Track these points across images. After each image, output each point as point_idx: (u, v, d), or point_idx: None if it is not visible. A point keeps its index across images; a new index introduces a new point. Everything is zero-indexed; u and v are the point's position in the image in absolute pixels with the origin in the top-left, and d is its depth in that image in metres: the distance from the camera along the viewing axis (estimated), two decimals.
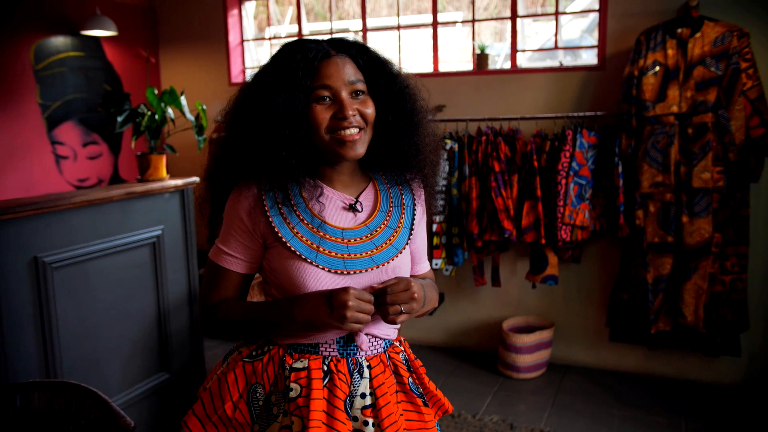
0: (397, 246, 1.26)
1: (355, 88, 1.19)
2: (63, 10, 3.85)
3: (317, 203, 1.22)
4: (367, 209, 1.28)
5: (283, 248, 1.19)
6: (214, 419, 1.24)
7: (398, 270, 1.25)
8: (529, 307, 3.66)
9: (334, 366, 1.20)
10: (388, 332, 1.28)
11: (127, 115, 2.64)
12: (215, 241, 1.28)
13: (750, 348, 3.20)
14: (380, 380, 1.23)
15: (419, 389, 1.31)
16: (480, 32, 4.01)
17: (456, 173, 3.36)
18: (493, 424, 2.90)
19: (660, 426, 2.89)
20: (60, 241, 2.25)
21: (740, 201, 2.97)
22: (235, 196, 1.23)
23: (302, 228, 1.20)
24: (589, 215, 3.21)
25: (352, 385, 1.21)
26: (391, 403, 1.21)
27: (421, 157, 1.29)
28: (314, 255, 1.19)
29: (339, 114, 1.17)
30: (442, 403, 1.36)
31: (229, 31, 4.29)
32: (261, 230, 1.21)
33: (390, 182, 1.33)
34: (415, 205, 1.34)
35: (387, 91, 1.23)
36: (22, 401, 1.51)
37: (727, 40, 2.88)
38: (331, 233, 1.21)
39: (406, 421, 1.25)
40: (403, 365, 1.30)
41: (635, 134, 3.06)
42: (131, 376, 2.60)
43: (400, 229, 1.28)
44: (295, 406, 1.17)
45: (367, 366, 1.23)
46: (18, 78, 3.64)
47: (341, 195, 1.26)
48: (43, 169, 3.79)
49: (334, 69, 1.18)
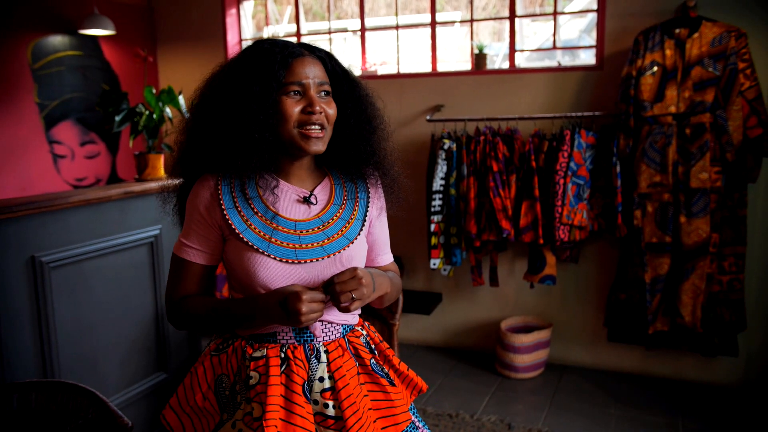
0: (349, 237, 1.31)
1: (322, 88, 1.27)
2: (61, 9, 3.84)
3: (271, 195, 1.28)
4: (321, 202, 1.33)
5: (237, 240, 1.26)
6: (187, 410, 1.32)
7: (350, 260, 1.30)
8: (527, 307, 3.66)
9: (291, 353, 1.26)
10: (346, 318, 1.34)
11: (125, 114, 2.64)
12: (179, 236, 1.33)
13: (747, 348, 3.20)
14: (338, 364, 1.27)
15: (383, 370, 1.35)
16: (478, 32, 4.01)
17: (454, 173, 3.36)
18: (491, 424, 2.90)
19: (657, 426, 2.89)
20: (57, 241, 2.25)
21: (738, 201, 2.98)
22: (195, 189, 1.30)
23: (255, 220, 1.26)
24: (587, 215, 3.21)
25: (310, 370, 1.26)
26: (350, 386, 1.26)
27: (378, 157, 1.36)
28: (266, 245, 1.24)
29: (308, 108, 1.24)
30: (415, 382, 1.40)
31: (228, 31, 4.29)
32: (218, 222, 1.28)
33: (346, 177, 1.39)
34: (370, 197, 1.39)
35: (350, 95, 1.32)
36: (20, 401, 1.50)
37: (725, 41, 2.89)
38: (283, 225, 1.27)
39: (372, 401, 1.30)
40: (364, 347, 1.34)
41: (633, 134, 3.06)
42: (129, 376, 2.59)
43: (353, 220, 1.34)
44: (255, 392, 1.23)
45: (324, 351, 1.29)
46: (15, 77, 3.63)
47: (296, 188, 1.32)
48: (41, 168, 3.78)
49: (307, 67, 1.26)
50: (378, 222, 1.41)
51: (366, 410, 1.27)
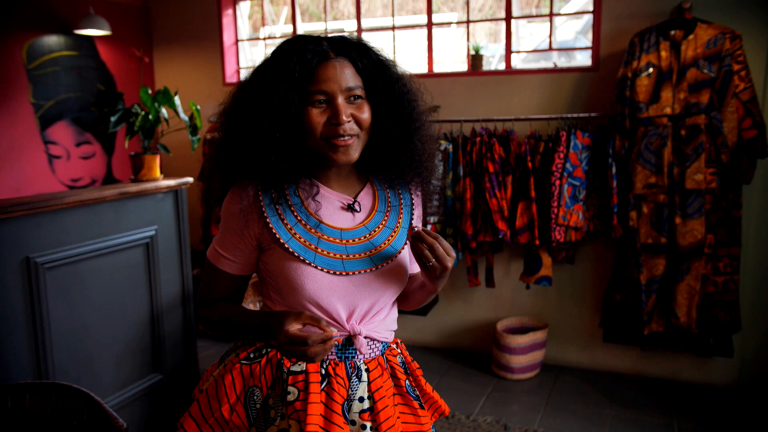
0: (395, 246, 1.25)
1: (351, 93, 1.16)
2: (56, 9, 3.83)
3: (314, 202, 1.20)
4: (365, 209, 1.26)
5: (281, 249, 1.17)
6: (210, 421, 1.23)
7: (398, 271, 1.24)
8: (523, 307, 3.66)
9: (332, 369, 1.19)
10: (386, 335, 1.28)
11: (121, 114, 2.63)
12: (213, 241, 1.27)
13: (742, 349, 3.21)
14: (378, 384, 1.22)
15: (416, 392, 1.30)
16: (474, 33, 4.02)
17: (450, 174, 3.37)
18: (487, 424, 2.90)
19: (653, 426, 2.90)
20: (52, 242, 2.24)
21: (732, 202, 2.99)
22: (231, 197, 1.21)
23: (300, 228, 1.19)
24: (583, 216, 3.22)
25: (350, 388, 1.20)
26: (388, 407, 1.21)
27: (417, 162, 1.27)
28: (312, 256, 1.17)
29: (333, 120, 1.14)
30: (438, 405, 1.36)
31: (224, 31, 4.28)
32: (255, 232, 1.20)
33: (388, 183, 1.31)
34: (413, 206, 1.33)
35: (385, 96, 1.20)
36: (14, 403, 1.50)
37: (719, 43, 2.90)
38: (329, 233, 1.20)
39: (403, 423, 1.25)
40: (400, 368, 1.30)
41: (629, 135, 3.07)
42: (124, 377, 2.59)
43: (399, 229, 1.27)
44: (292, 409, 1.16)
45: (365, 369, 1.23)
46: (10, 77, 3.61)
47: (339, 195, 1.24)
48: (36, 168, 3.77)
49: (331, 73, 1.15)
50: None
51: None
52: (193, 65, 4.38)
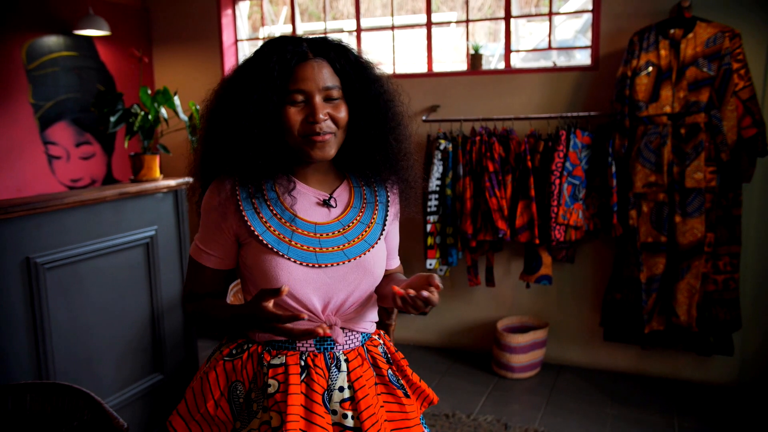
0: (369, 241, 1.29)
1: (328, 93, 1.21)
2: (55, 9, 3.83)
3: (289, 197, 1.25)
4: (341, 205, 1.30)
5: (257, 242, 1.22)
6: (197, 418, 1.27)
7: (371, 265, 1.28)
8: (523, 307, 3.66)
9: (311, 361, 1.23)
10: (365, 326, 1.32)
11: (120, 115, 2.63)
12: (195, 237, 1.31)
13: (742, 347, 3.22)
14: (358, 373, 1.25)
15: (399, 381, 1.33)
16: (474, 32, 4.02)
17: (450, 173, 3.37)
18: (488, 423, 2.90)
19: (653, 425, 2.90)
20: (52, 242, 2.24)
21: (732, 201, 2.99)
22: (210, 192, 1.26)
23: (275, 222, 1.23)
24: (583, 215, 3.22)
25: (330, 379, 1.24)
26: (369, 396, 1.24)
27: (392, 160, 1.31)
28: (286, 248, 1.21)
29: (311, 118, 1.19)
30: (426, 394, 1.39)
31: (223, 31, 4.28)
32: (233, 226, 1.24)
33: (365, 181, 1.36)
34: (389, 202, 1.37)
35: (361, 96, 1.25)
36: (15, 403, 1.50)
37: (719, 41, 2.90)
38: (303, 227, 1.24)
39: (387, 412, 1.28)
40: (381, 357, 1.33)
41: (628, 134, 3.07)
42: (124, 377, 2.59)
43: (373, 224, 1.31)
44: (273, 401, 1.19)
45: (344, 360, 1.26)
46: (10, 78, 3.61)
47: (315, 191, 1.29)
48: (36, 169, 3.76)
49: (310, 73, 1.20)
50: (392, 227, 1.40)
51: (383, 421, 1.24)
52: (192, 65, 4.38)
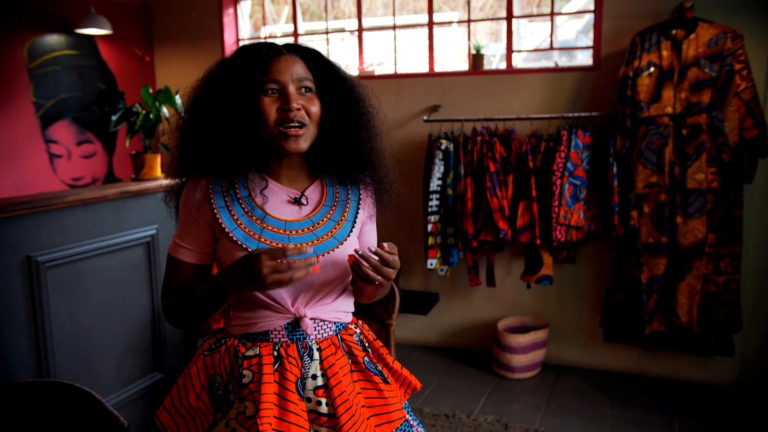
0: (338, 238, 1.31)
1: (302, 84, 1.27)
2: (57, 8, 3.83)
3: (260, 196, 1.29)
4: (312, 203, 1.34)
5: (227, 239, 1.26)
6: (181, 411, 1.32)
7: (341, 260, 1.31)
8: (524, 307, 3.66)
9: (284, 351, 1.26)
10: (337, 316, 1.34)
11: (122, 114, 2.63)
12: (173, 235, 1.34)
13: (743, 348, 3.21)
14: (331, 361, 1.28)
15: (377, 367, 1.35)
16: (476, 32, 4.02)
17: (451, 173, 3.37)
18: (488, 424, 2.90)
19: (654, 426, 2.90)
20: (53, 241, 2.24)
21: (734, 202, 2.98)
22: (186, 188, 1.31)
23: (245, 219, 1.27)
24: (584, 216, 3.22)
25: (303, 367, 1.26)
26: (342, 383, 1.26)
27: (364, 157, 1.35)
28: (255, 245, 1.24)
29: (285, 106, 1.24)
30: (408, 381, 1.41)
31: (225, 30, 4.28)
32: (208, 221, 1.28)
33: (338, 180, 1.39)
34: (361, 200, 1.39)
35: (333, 92, 1.30)
36: (15, 401, 1.50)
37: (721, 42, 2.89)
38: (273, 225, 1.28)
39: (366, 399, 1.30)
40: (357, 345, 1.35)
41: (630, 135, 3.07)
42: (125, 376, 2.59)
43: (343, 222, 1.34)
44: (248, 391, 1.23)
45: (317, 349, 1.29)
46: (12, 76, 3.62)
47: (286, 189, 1.32)
48: (37, 167, 3.77)
49: (284, 65, 1.26)
50: (366, 228, 1.42)
51: (359, 408, 1.27)
52: (194, 64, 4.37)
